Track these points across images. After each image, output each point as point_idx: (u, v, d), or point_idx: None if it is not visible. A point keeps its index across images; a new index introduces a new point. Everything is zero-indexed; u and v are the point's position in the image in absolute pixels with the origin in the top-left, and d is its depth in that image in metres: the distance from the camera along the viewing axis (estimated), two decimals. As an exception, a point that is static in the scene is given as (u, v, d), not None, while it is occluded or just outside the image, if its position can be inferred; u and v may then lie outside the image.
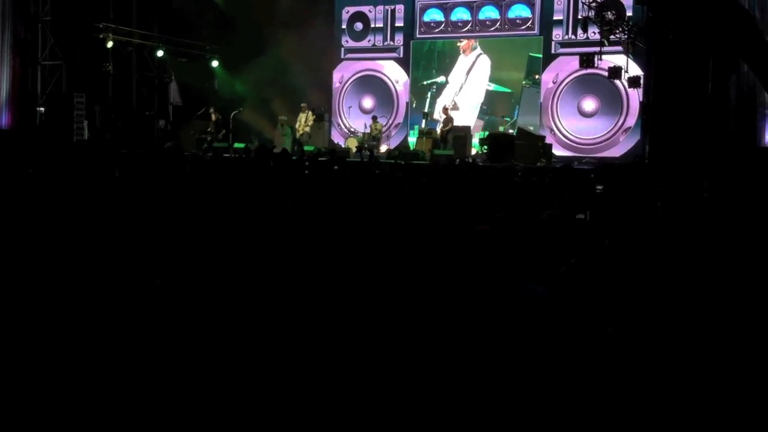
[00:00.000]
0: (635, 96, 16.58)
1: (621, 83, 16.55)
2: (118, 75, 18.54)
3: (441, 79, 19.98)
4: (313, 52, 19.35)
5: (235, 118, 18.74)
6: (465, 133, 17.29)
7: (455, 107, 19.08)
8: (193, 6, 19.47)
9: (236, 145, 17.58)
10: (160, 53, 19.08)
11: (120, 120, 18.39)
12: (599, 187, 7.81)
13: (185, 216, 4.64)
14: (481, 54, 19.45)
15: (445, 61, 20.00)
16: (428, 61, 20.23)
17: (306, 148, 17.44)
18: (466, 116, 19.06)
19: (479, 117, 19.39)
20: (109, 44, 17.62)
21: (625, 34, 15.53)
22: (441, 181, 7.77)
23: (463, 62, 19.71)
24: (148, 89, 19.76)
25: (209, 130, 18.73)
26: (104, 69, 17.93)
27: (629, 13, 16.66)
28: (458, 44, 19.73)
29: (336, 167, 9.84)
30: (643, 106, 16.07)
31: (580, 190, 7.17)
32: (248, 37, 18.84)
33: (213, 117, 18.81)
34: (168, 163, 9.47)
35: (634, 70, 15.80)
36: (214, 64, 20.42)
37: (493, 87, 19.36)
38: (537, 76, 18.70)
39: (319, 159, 12.78)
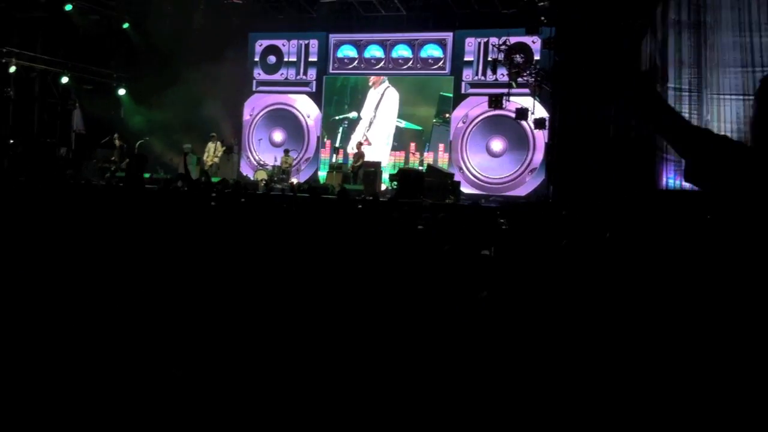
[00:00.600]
0: (541, 137, 17.01)
1: (528, 124, 16.95)
2: (19, 101, 17.85)
3: (353, 114, 20.03)
4: (224, 83, 19.12)
5: (140, 147, 18.24)
6: (375, 168, 17.33)
7: (368, 142, 19.14)
8: (102, 33, 18.99)
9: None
10: (64, 80, 18.51)
11: (20, 146, 17.65)
12: (503, 225, 7.87)
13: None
14: (389, 87, 19.63)
15: (357, 97, 20.07)
16: (341, 96, 20.26)
17: (213, 179, 17.08)
18: (378, 151, 19.13)
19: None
20: (12, 69, 16.97)
21: (532, 77, 15.96)
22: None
23: (372, 96, 19.84)
24: (50, 116, 19.08)
25: (113, 159, 18.19)
26: (5, 94, 17.24)
27: (537, 57, 17.16)
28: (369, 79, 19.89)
29: (243, 200, 9.62)
30: (549, 147, 16.49)
31: (486, 227, 7.19)
32: (158, 66, 18.52)
33: (117, 145, 18.29)
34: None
35: (541, 112, 16.23)
36: (121, 92, 19.93)
37: (404, 124, 19.51)
38: (447, 115, 18.97)
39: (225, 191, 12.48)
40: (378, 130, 19.76)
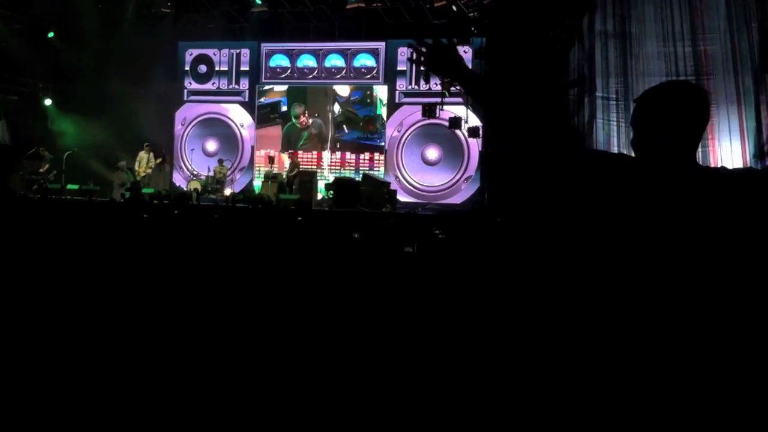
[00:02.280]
0: (476, 145, 17.24)
1: (462, 133, 17.16)
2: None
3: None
4: (154, 93, 18.80)
5: (69, 159, 17.78)
6: (311, 177, 17.28)
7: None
8: (27, 43, 18.45)
9: (69, 186, 16.66)
10: (-12, 90, 17.95)
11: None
12: (438, 232, 7.94)
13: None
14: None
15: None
16: (273, 107, 20.16)
17: (145, 190, 16.80)
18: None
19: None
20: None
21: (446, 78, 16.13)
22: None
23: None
24: (-27, 127, 18.46)
25: (41, 170, 17.71)
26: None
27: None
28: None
29: (176, 211, 9.48)
30: (482, 155, 16.72)
31: (422, 235, 7.25)
32: (85, 76, 18.09)
33: (45, 157, 17.81)
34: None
35: (474, 120, 16.45)
36: (47, 102, 19.40)
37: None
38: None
39: (164, 202, 12.30)
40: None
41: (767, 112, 12.91)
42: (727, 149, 12.58)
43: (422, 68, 2.50)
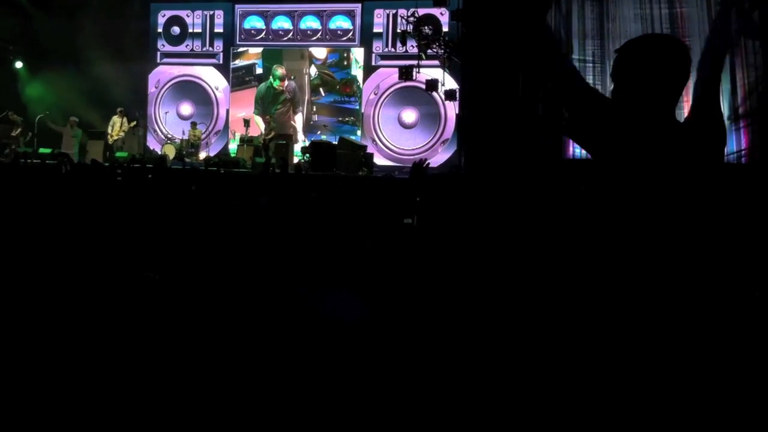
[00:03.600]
0: (452, 109, 17.18)
1: (438, 96, 17.09)
2: None
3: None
4: (126, 55, 18.51)
5: (40, 122, 17.50)
6: (287, 141, 17.17)
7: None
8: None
9: (41, 150, 16.42)
10: (-47, 51, 17.55)
11: None
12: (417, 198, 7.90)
13: None
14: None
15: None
16: (248, 70, 19.94)
17: (119, 154, 16.61)
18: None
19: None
20: None
21: (441, 49, 16.05)
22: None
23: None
24: (-62, 91, 18.06)
25: (13, 134, 17.43)
26: None
27: (445, 29, 17.26)
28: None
29: (150, 176, 9.35)
30: (459, 118, 16.67)
31: (402, 198, 7.23)
32: (56, 38, 17.72)
33: (16, 121, 17.53)
34: None
35: (451, 83, 16.36)
36: (18, 65, 19.01)
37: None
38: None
39: (147, 166, 12.15)
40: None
41: (742, 74, 12.96)
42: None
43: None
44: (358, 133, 18.81)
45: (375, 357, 2.45)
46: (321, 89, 19.30)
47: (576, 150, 14.30)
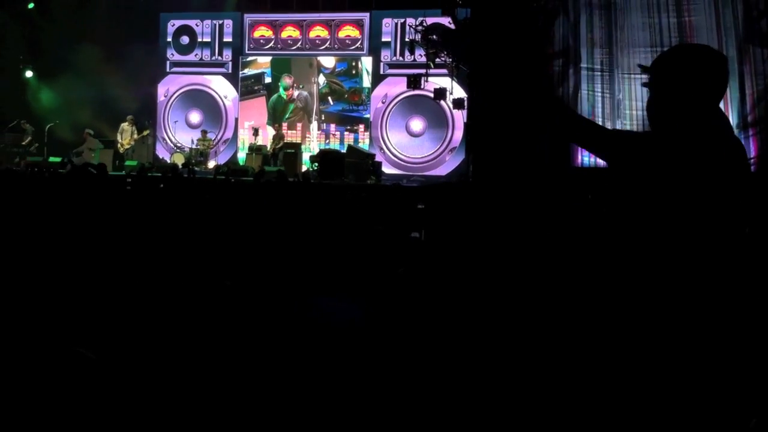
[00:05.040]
0: (460, 116, 17.22)
1: (446, 104, 17.13)
2: None
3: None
4: (136, 64, 18.60)
5: (50, 131, 17.61)
6: (296, 149, 17.23)
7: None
8: (5, 14, 18.14)
9: (51, 159, 16.53)
10: (-34, 63, 17.69)
11: None
12: (420, 206, 7.91)
13: None
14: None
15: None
16: (257, 79, 20.03)
17: (128, 162, 16.70)
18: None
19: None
20: None
21: (449, 58, 16.09)
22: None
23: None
24: (-47, 100, 18.20)
25: (23, 143, 17.55)
26: None
27: (453, 38, 17.29)
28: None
29: (162, 185, 9.42)
30: (467, 126, 16.70)
31: (407, 208, 7.26)
32: (66, 48, 17.83)
33: (26, 130, 17.66)
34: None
35: (459, 92, 16.40)
36: (28, 74, 19.15)
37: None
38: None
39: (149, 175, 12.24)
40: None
41: (750, 82, 12.95)
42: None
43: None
44: (367, 141, 18.86)
45: (385, 361, 2.48)
46: (329, 98, 19.37)
47: (584, 158, 14.30)
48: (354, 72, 19.23)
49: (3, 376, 2.44)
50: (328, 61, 19.41)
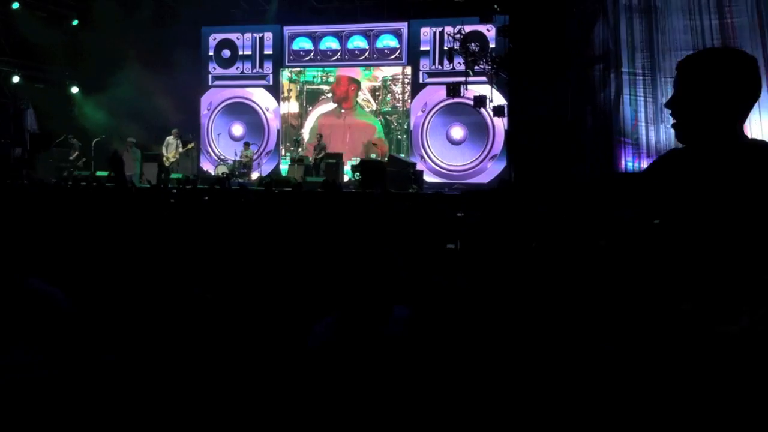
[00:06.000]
0: (501, 123, 17.17)
1: (486, 112, 17.09)
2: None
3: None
4: (179, 78, 18.93)
5: (97, 146, 18.00)
6: (337, 160, 17.33)
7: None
8: (51, 31, 18.59)
9: (98, 173, 16.89)
10: (15, 79, 18.16)
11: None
12: (460, 214, 7.87)
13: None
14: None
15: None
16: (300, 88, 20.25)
17: (174, 175, 16.98)
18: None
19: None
20: (-41, 69, 16.66)
21: (488, 65, 16.08)
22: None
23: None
24: (2, 116, 18.69)
25: (71, 158, 17.96)
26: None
27: (492, 45, 17.30)
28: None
29: (206, 197, 9.55)
30: (508, 133, 16.65)
31: (449, 217, 7.23)
32: (110, 63, 18.20)
33: (73, 144, 18.07)
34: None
35: (499, 99, 16.36)
36: (74, 90, 19.61)
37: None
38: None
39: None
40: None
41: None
42: (757, 123, 12.37)
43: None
44: (407, 150, 18.92)
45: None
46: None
47: (628, 163, 14.15)
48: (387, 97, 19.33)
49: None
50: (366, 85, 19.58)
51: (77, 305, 2.93)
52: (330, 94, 19.87)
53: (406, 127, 19.11)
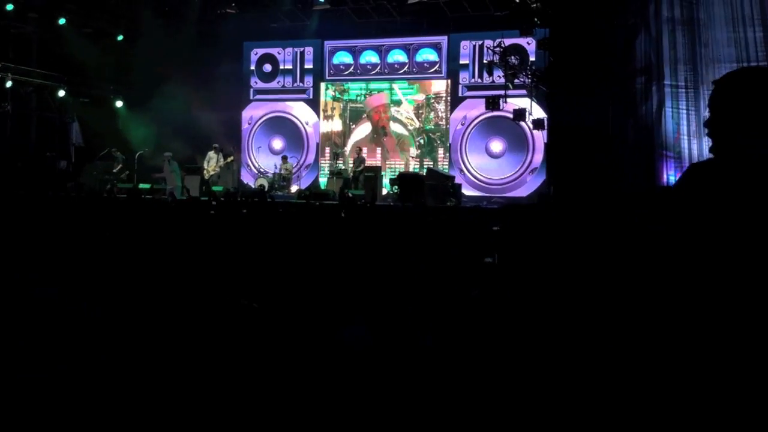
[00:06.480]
0: (540, 137, 17.06)
1: (526, 125, 17.00)
2: (16, 115, 17.88)
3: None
4: (221, 92, 19.22)
5: (140, 159, 18.31)
6: (375, 173, 17.38)
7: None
8: (96, 46, 18.97)
9: (141, 185, 17.18)
10: (61, 93, 18.56)
11: (19, 161, 17.69)
12: (496, 227, 7.81)
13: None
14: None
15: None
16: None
17: (215, 188, 17.18)
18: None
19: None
20: (8, 84, 17.05)
21: (528, 78, 16.01)
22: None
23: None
24: (48, 130, 19.11)
25: (114, 170, 18.29)
26: (2, 109, 17.28)
27: (532, 58, 17.23)
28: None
29: (245, 210, 9.63)
30: (548, 147, 16.52)
31: (486, 230, 7.19)
32: (153, 77, 18.50)
33: (117, 157, 18.41)
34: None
35: (538, 112, 16.26)
36: (118, 104, 19.98)
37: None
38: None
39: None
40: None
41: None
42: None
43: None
44: (446, 163, 18.90)
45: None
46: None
47: (670, 177, 13.93)
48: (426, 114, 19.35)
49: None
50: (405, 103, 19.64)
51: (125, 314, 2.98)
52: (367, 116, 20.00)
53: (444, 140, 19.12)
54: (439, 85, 19.28)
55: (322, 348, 2.66)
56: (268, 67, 20.98)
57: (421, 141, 19.40)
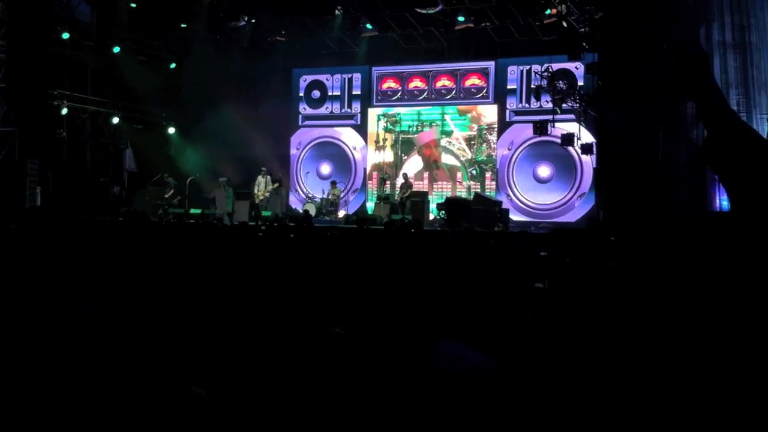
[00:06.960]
0: (589, 161, 16.93)
1: (574, 150, 16.89)
2: (72, 141, 18.33)
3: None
4: (270, 118, 19.48)
5: (191, 184, 18.62)
6: (422, 198, 17.41)
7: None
8: (149, 73, 19.42)
9: (192, 210, 17.46)
10: (115, 120, 19.02)
11: (74, 186, 18.14)
12: (543, 253, 7.77)
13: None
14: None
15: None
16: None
17: (264, 213, 17.38)
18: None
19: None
20: (64, 111, 17.53)
21: (576, 103, 15.94)
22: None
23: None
24: (102, 156, 19.56)
25: (166, 196, 18.62)
26: (58, 136, 17.73)
27: (580, 83, 17.16)
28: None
29: (292, 235, 9.75)
30: (597, 172, 16.39)
31: (534, 256, 7.17)
32: (205, 104, 18.84)
33: (169, 183, 18.74)
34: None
35: (586, 136, 16.16)
36: (171, 131, 20.37)
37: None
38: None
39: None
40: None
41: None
42: None
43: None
44: (493, 188, 18.86)
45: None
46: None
47: (723, 202, 13.69)
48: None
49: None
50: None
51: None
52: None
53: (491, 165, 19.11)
54: (491, 116, 19.25)
55: (420, 373, 2.66)
56: (316, 93, 21.26)
57: (474, 172, 19.41)
